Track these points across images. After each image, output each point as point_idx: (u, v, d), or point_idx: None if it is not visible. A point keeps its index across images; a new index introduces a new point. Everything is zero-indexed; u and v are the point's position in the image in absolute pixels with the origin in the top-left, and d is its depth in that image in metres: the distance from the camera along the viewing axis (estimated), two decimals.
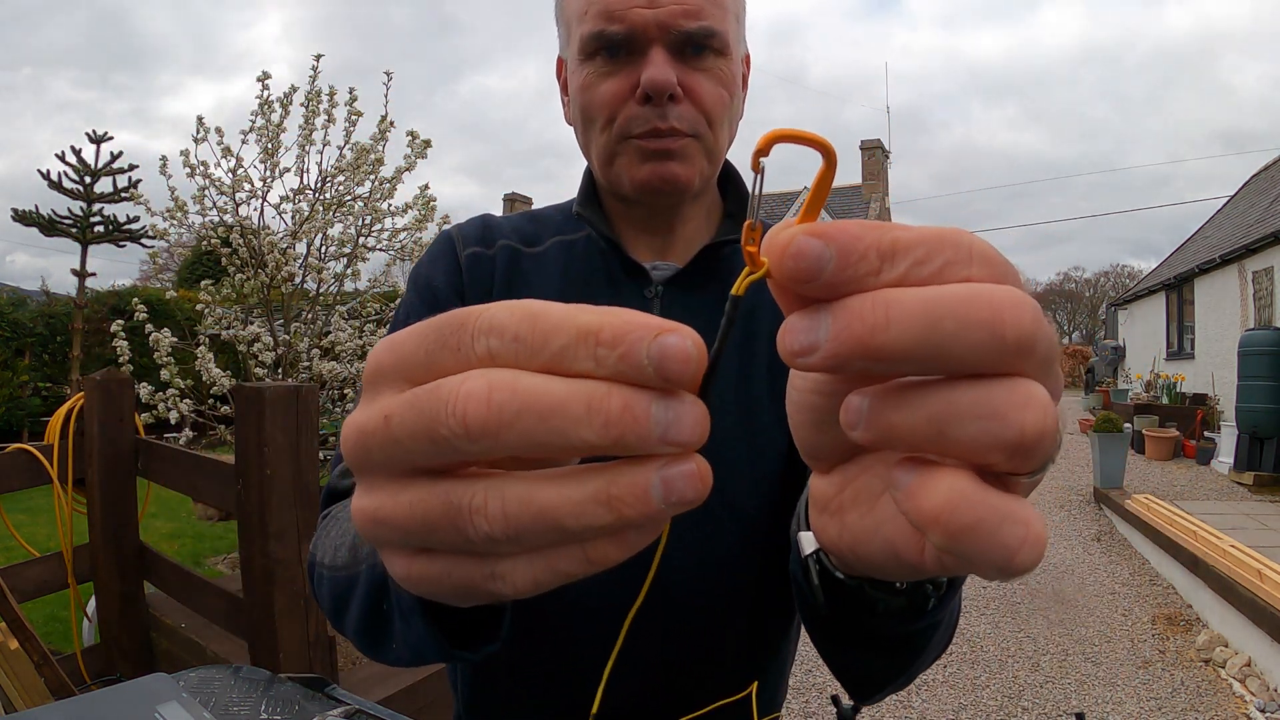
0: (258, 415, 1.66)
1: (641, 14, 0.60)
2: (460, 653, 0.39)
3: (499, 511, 0.20)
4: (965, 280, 0.20)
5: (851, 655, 0.47)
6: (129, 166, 10.51)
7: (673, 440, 0.19)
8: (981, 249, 0.21)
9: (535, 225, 0.73)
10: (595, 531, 0.20)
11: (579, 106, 0.65)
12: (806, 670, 3.25)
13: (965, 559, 0.20)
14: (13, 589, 1.93)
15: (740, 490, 0.64)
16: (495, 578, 0.22)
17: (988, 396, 0.19)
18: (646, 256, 0.69)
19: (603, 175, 0.68)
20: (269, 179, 3.75)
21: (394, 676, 2.09)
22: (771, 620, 0.71)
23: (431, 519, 0.21)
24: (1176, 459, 8.45)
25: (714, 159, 0.66)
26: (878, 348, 0.19)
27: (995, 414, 0.19)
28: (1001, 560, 0.20)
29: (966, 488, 0.20)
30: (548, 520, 0.20)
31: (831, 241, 0.20)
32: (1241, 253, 9.50)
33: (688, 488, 0.20)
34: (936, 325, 0.19)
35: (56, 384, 9.64)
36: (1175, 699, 3.00)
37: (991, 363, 0.19)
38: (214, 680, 0.68)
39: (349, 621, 0.47)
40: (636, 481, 0.19)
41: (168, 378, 3.42)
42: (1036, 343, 0.19)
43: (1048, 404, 0.20)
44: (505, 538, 0.20)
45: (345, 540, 0.48)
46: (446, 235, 0.72)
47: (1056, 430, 0.20)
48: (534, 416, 0.19)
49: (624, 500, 0.19)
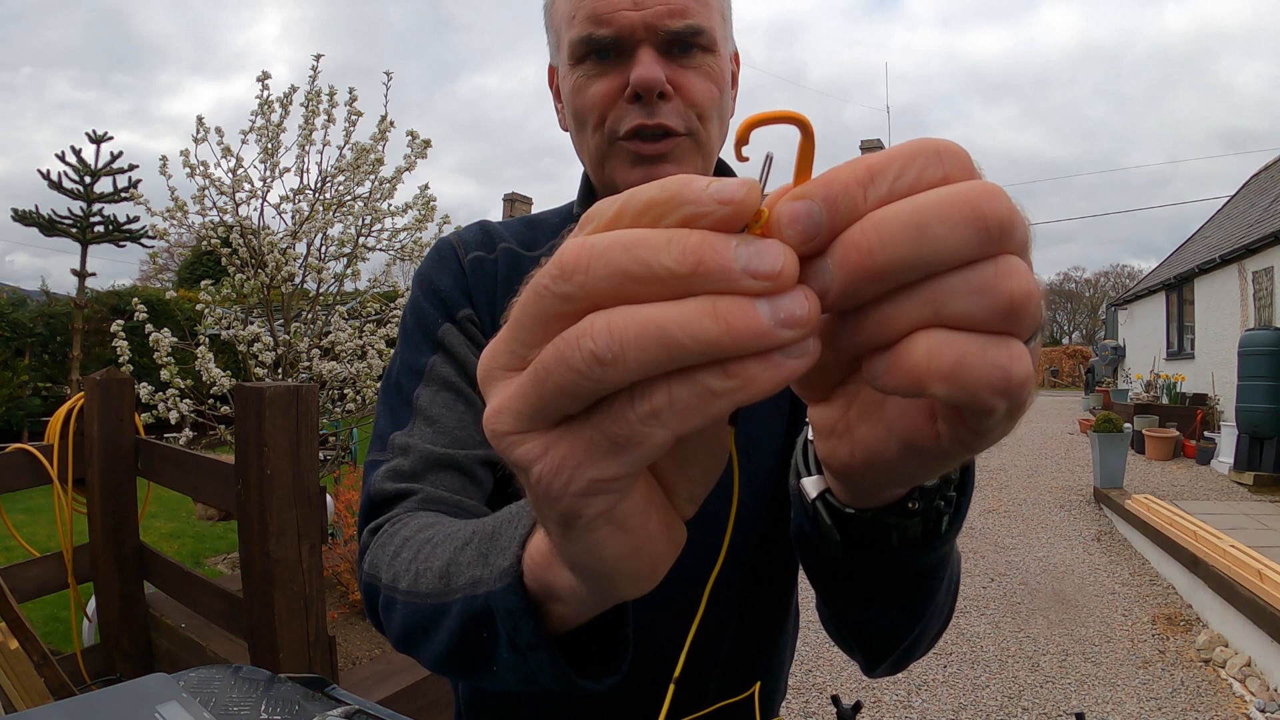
0: (257, 415, 1.66)
1: (628, 16, 0.60)
2: (587, 683, 0.38)
3: (604, 327, 0.20)
4: (943, 182, 0.21)
5: (867, 611, 0.48)
6: (129, 166, 10.53)
7: (756, 271, 0.20)
8: (950, 149, 0.22)
9: (533, 230, 0.74)
10: (710, 347, 0.20)
11: (571, 110, 0.66)
12: (806, 670, 3.25)
13: (970, 394, 0.21)
14: (13, 589, 1.93)
15: (743, 490, 0.64)
16: (644, 419, 0.21)
17: (977, 274, 0.21)
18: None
19: (596, 178, 0.68)
20: (269, 179, 3.75)
21: (394, 676, 2.09)
22: (769, 618, 0.71)
23: (545, 363, 0.21)
24: (1176, 459, 8.45)
25: (708, 156, 0.67)
26: (879, 268, 0.21)
27: (984, 288, 0.21)
28: (1000, 379, 0.21)
29: (937, 336, 0.21)
30: (654, 331, 0.19)
31: (814, 195, 0.21)
32: (1241, 253, 9.50)
33: (795, 305, 0.20)
34: (925, 231, 0.20)
35: (56, 384, 9.64)
36: (1175, 699, 3.00)
37: (979, 251, 0.21)
38: (214, 680, 0.68)
39: (429, 648, 0.46)
40: (741, 301, 0.20)
41: (168, 378, 3.42)
42: (1015, 227, 0.21)
43: (1029, 273, 0.21)
44: (610, 353, 0.20)
45: (433, 565, 0.46)
46: (447, 242, 0.72)
47: (1040, 297, 0.22)
48: (619, 249, 0.20)
49: (731, 312, 0.19)
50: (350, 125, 3.80)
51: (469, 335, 0.66)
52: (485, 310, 0.67)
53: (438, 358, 0.65)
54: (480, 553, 0.41)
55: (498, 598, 0.38)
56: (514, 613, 0.37)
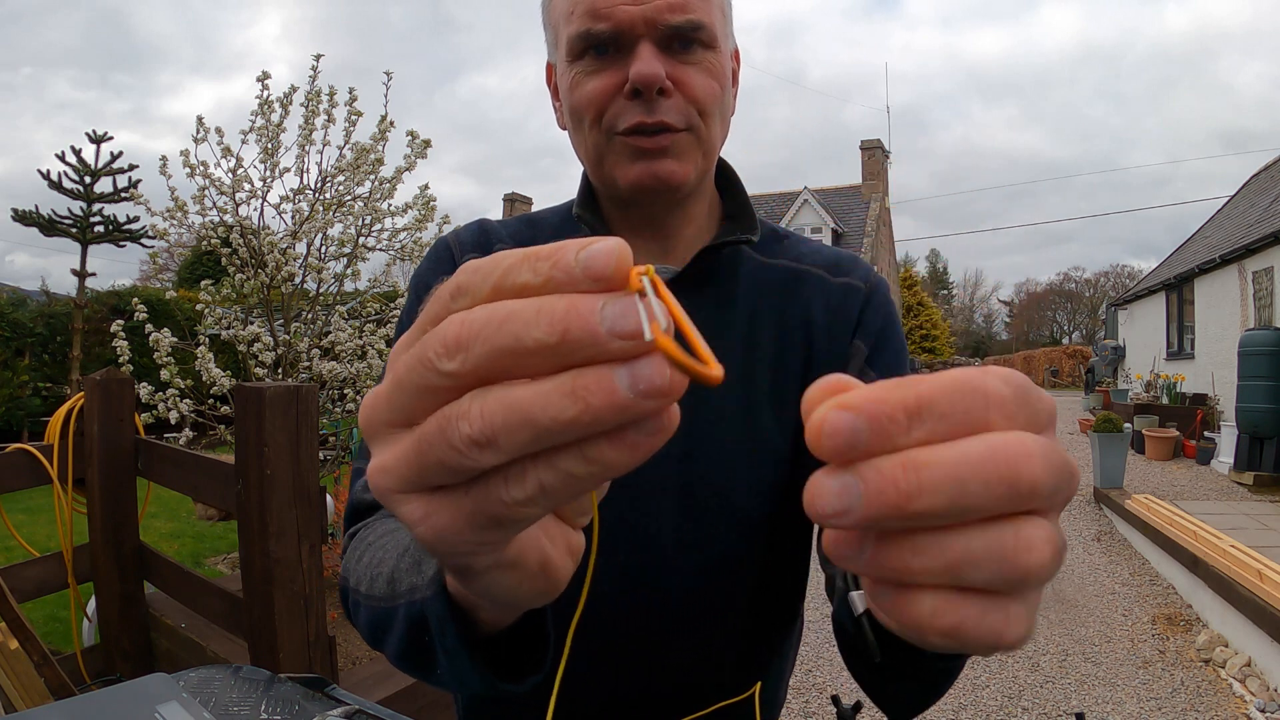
0: (257, 415, 1.66)
1: (627, 11, 0.59)
2: (507, 685, 0.40)
3: (478, 412, 0.20)
4: (985, 428, 0.22)
5: (896, 687, 0.52)
6: (129, 166, 10.51)
7: (620, 332, 0.20)
8: (997, 393, 0.22)
9: (532, 229, 0.73)
10: (570, 426, 0.20)
11: (569, 107, 0.65)
12: (806, 670, 3.25)
13: (964, 647, 0.23)
14: (13, 589, 1.93)
15: (740, 492, 0.64)
16: (517, 503, 0.22)
17: (998, 541, 0.21)
18: (646, 258, 0.68)
19: (595, 176, 0.67)
20: (269, 179, 3.74)
21: (394, 676, 2.09)
22: (773, 622, 0.70)
23: (427, 437, 0.22)
24: (1176, 459, 8.45)
25: (709, 153, 0.65)
26: (911, 513, 0.21)
27: (1004, 558, 0.21)
28: (992, 641, 0.22)
29: (944, 598, 0.22)
30: (519, 414, 0.20)
31: (861, 412, 0.21)
32: (1241, 253, 9.50)
33: (655, 374, 0.20)
34: (963, 487, 0.21)
35: (56, 384, 9.63)
36: (1175, 699, 3.00)
37: (1006, 509, 0.21)
38: (214, 680, 0.68)
39: (389, 649, 0.48)
40: (602, 373, 0.20)
41: (168, 378, 3.42)
42: (1045, 487, 0.21)
43: (1051, 540, 0.22)
44: (484, 438, 0.20)
45: (383, 571, 0.48)
46: (444, 242, 0.72)
47: (1058, 559, 0.22)
48: (493, 326, 0.20)
49: (589, 389, 0.20)
50: (350, 125, 3.80)
51: None
52: None
53: None
54: (414, 560, 0.44)
55: (429, 605, 0.39)
56: (441, 619, 0.38)
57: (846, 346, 0.68)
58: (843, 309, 0.69)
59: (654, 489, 0.63)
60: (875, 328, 0.69)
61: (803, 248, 0.73)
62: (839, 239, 21.43)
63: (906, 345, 0.73)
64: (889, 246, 25.33)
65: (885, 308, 0.70)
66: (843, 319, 0.68)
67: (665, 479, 0.63)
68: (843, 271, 0.71)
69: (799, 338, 0.67)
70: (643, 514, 0.63)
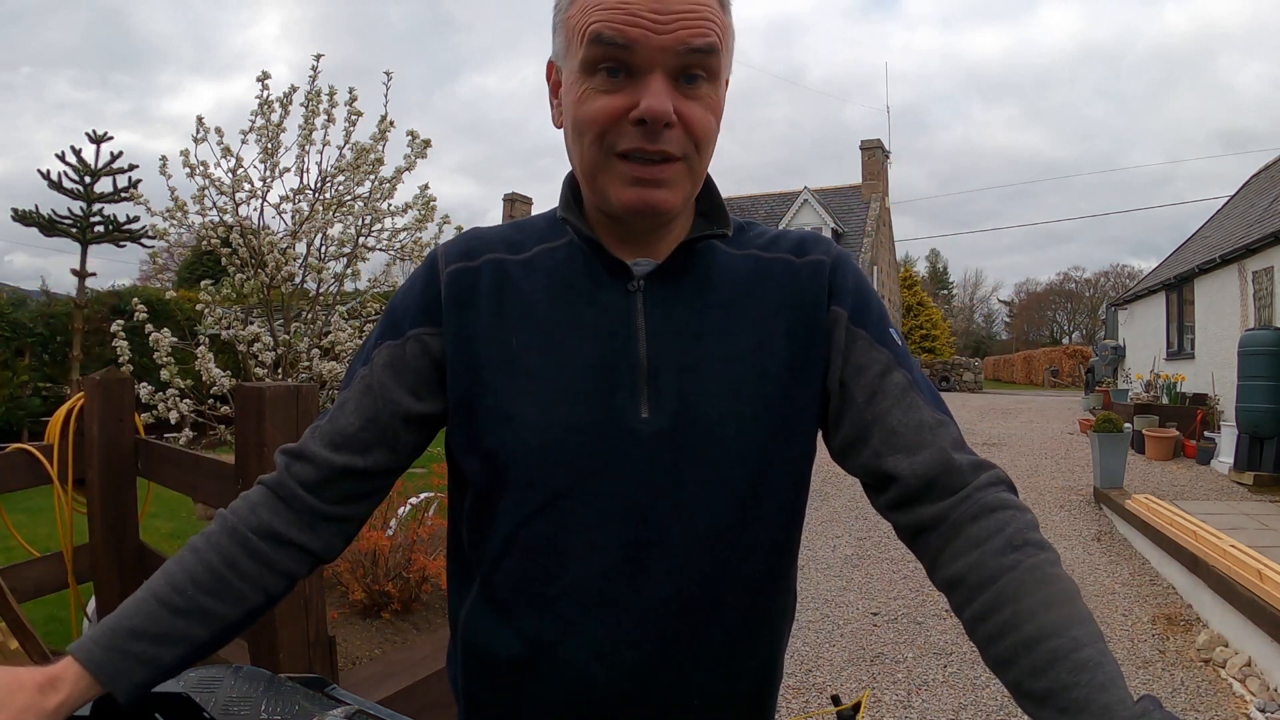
0: (257, 415, 1.66)
1: (648, 38, 0.61)
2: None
3: None
4: None
5: None
6: (129, 166, 10.53)
7: None
8: None
9: (521, 234, 0.76)
10: None
11: (572, 118, 0.67)
12: (806, 670, 3.25)
13: None
14: (13, 589, 1.93)
15: (729, 463, 0.68)
16: None
17: None
18: (628, 255, 0.72)
19: (587, 187, 0.70)
20: (269, 179, 3.75)
21: (394, 676, 2.09)
22: (765, 591, 0.73)
23: None
24: (1176, 459, 8.45)
25: (697, 181, 0.69)
26: None
27: None
28: None
29: None
30: None
31: None
32: (1241, 253, 9.49)
33: None
34: None
35: (56, 384, 9.63)
36: (1175, 699, 3.00)
37: None
38: (214, 680, 0.68)
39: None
40: None
41: (168, 378, 3.42)
42: None
43: None
44: None
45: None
46: (432, 254, 0.76)
47: None
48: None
49: None
50: (350, 125, 3.80)
51: (404, 353, 0.72)
52: (455, 318, 0.71)
53: (366, 369, 0.73)
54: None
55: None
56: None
57: (825, 315, 0.72)
58: (813, 283, 0.73)
59: (646, 464, 0.66)
60: (849, 289, 0.73)
61: (768, 236, 0.78)
62: (839, 239, 21.41)
63: (885, 306, 0.77)
64: (889, 246, 25.34)
65: (853, 272, 0.75)
66: (814, 291, 0.73)
67: (657, 455, 0.67)
68: (806, 251, 0.75)
69: (777, 318, 0.72)
70: (635, 489, 0.67)
